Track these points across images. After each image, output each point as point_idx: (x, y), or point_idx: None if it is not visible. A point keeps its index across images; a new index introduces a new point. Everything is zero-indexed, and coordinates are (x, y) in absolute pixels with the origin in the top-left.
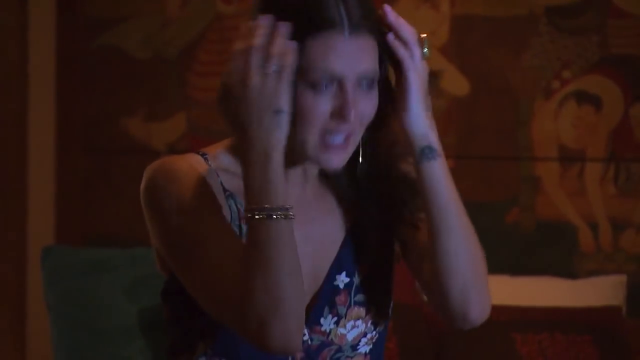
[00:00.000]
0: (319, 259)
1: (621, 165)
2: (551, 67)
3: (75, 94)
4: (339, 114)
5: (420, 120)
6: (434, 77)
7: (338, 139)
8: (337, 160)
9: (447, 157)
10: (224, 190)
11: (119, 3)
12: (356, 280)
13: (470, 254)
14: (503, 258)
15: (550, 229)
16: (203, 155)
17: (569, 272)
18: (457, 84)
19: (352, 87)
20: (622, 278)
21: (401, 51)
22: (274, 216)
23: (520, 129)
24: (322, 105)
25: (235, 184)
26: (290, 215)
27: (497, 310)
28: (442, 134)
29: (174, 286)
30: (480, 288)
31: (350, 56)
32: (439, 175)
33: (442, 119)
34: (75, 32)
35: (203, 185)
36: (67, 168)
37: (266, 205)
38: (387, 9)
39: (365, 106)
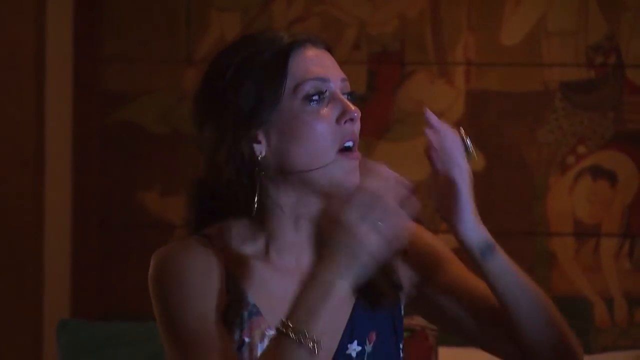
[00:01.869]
0: (332, 327)
1: (636, 241)
2: (566, 142)
3: (92, 168)
4: (344, 115)
5: (474, 226)
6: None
7: (351, 142)
8: (356, 175)
9: None
10: (227, 274)
11: (135, 78)
12: (368, 348)
13: (555, 325)
14: None
15: (565, 304)
16: (205, 236)
17: (584, 346)
18: (472, 159)
19: (340, 92)
20: (638, 353)
21: (452, 161)
22: (303, 342)
23: (536, 203)
24: (324, 114)
25: (239, 264)
26: (317, 353)
27: None
28: None
29: None
30: (567, 342)
31: (326, 60)
32: (507, 267)
33: None
34: (91, 107)
35: (201, 281)
36: (83, 242)
37: (305, 329)
38: (428, 112)
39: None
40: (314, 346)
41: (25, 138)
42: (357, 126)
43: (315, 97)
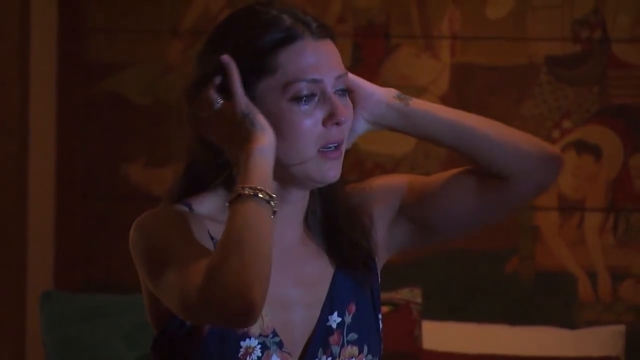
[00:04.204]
0: (310, 301)
1: (620, 215)
2: (551, 117)
3: (76, 140)
4: (331, 118)
5: (377, 90)
6: None
7: (334, 146)
8: (335, 171)
9: None
10: (211, 237)
11: (119, 49)
12: (347, 319)
13: (512, 140)
14: (502, 307)
15: (549, 279)
16: (187, 204)
17: (568, 322)
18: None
19: (331, 91)
20: (621, 328)
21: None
22: (260, 195)
23: None
24: (311, 115)
25: (221, 229)
26: (274, 203)
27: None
28: None
29: (164, 340)
30: (538, 155)
31: (323, 57)
32: (426, 105)
33: (442, 168)
34: (75, 78)
35: (188, 229)
36: (67, 214)
37: (253, 185)
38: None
39: (347, 110)
40: (271, 197)
41: (9, 109)
42: (345, 127)
43: (305, 99)
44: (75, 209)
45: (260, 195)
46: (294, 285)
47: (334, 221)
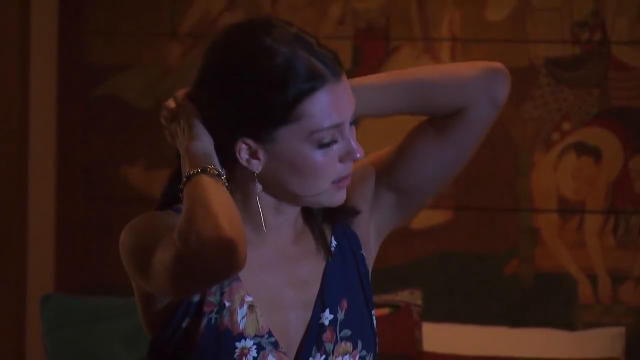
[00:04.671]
0: (304, 301)
1: (620, 217)
2: (551, 119)
3: (76, 142)
4: (349, 156)
5: None
6: None
7: (347, 176)
8: (343, 195)
9: (446, 208)
10: None
11: (119, 51)
12: (340, 315)
13: (455, 73)
14: (501, 310)
15: (549, 281)
16: (176, 209)
17: (567, 324)
18: None
19: (348, 130)
20: (621, 330)
21: None
22: (207, 170)
23: (520, 180)
24: (331, 156)
25: None
26: (224, 178)
27: None
28: None
29: (160, 345)
30: (481, 75)
31: (344, 99)
32: (364, 79)
33: None
34: (76, 80)
35: (174, 225)
36: (67, 216)
37: (199, 165)
38: None
39: (359, 145)
40: (218, 172)
41: (9, 111)
42: (352, 165)
43: (327, 144)
44: (76, 212)
45: (209, 170)
46: (288, 286)
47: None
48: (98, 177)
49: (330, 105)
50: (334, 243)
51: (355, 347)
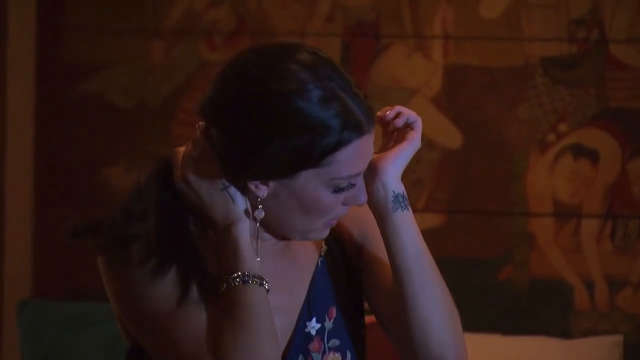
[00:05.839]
0: (288, 307)
1: (618, 222)
2: (547, 120)
3: (55, 143)
4: (354, 200)
5: (396, 172)
6: None
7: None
8: (327, 232)
9: (438, 211)
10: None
11: (101, 49)
12: (328, 325)
13: (447, 310)
14: (495, 317)
15: (544, 287)
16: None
17: (563, 331)
18: (449, 136)
19: (361, 177)
20: (619, 338)
21: (414, 116)
22: (250, 282)
23: (515, 183)
24: (339, 200)
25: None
26: (265, 284)
27: None
28: (434, 187)
29: (138, 352)
30: (458, 344)
31: (370, 151)
32: (411, 225)
33: (434, 173)
34: (55, 79)
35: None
36: (46, 218)
37: (239, 273)
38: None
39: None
40: (260, 279)
41: None
42: None
43: (342, 189)
44: (55, 214)
45: (252, 282)
46: (274, 290)
47: None
48: (78, 179)
49: (359, 156)
50: (324, 247)
51: (344, 357)
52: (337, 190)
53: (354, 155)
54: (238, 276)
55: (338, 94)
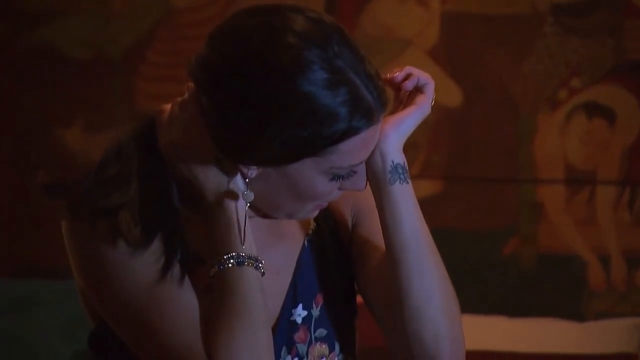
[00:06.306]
0: (273, 291)
1: (638, 189)
2: (558, 74)
3: (3, 101)
4: (352, 186)
5: (398, 140)
6: None
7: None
8: (316, 213)
9: (435, 178)
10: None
11: None
12: (315, 312)
13: (445, 297)
14: (499, 296)
15: (554, 263)
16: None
17: (575, 313)
18: (448, 93)
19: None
20: (637, 321)
21: (425, 78)
22: (245, 263)
23: (521, 146)
24: (335, 186)
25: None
26: (261, 266)
27: (492, 356)
28: (430, 151)
29: (103, 332)
30: (455, 337)
31: (375, 139)
32: (410, 200)
33: (431, 134)
34: (2, 28)
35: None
36: None
37: (233, 253)
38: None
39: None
40: (256, 261)
41: None
42: None
43: (341, 177)
44: (3, 182)
45: (247, 264)
46: None
47: None
48: (29, 141)
49: (363, 145)
50: (312, 225)
51: (332, 349)
52: (335, 178)
53: (358, 144)
54: (232, 257)
55: (348, 76)
